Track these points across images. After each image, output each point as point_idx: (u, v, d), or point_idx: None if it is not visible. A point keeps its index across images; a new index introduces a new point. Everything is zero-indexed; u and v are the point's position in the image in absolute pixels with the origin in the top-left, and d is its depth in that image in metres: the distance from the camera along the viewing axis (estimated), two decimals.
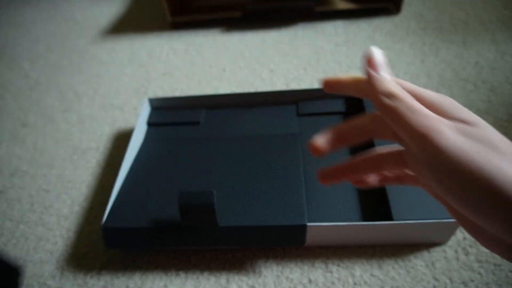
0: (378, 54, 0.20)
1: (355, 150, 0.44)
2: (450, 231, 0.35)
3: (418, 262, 0.36)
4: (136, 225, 0.38)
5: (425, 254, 0.37)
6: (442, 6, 0.74)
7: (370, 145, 0.43)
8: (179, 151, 0.46)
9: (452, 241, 0.37)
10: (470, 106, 0.51)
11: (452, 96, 0.53)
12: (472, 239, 0.37)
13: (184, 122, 0.50)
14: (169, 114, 0.52)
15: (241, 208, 0.38)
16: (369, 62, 0.20)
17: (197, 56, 0.70)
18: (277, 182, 0.40)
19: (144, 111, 0.51)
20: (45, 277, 0.39)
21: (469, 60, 0.60)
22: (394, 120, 0.18)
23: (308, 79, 0.61)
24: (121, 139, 0.54)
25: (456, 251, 0.37)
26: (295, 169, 0.42)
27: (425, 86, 0.56)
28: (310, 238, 0.37)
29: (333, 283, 0.36)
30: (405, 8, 0.75)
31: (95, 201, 0.46)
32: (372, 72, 0.20)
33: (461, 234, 0.38)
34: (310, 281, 0.36)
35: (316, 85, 0.59)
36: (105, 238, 0.38)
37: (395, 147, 0.22)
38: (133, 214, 0.39)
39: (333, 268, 0.37)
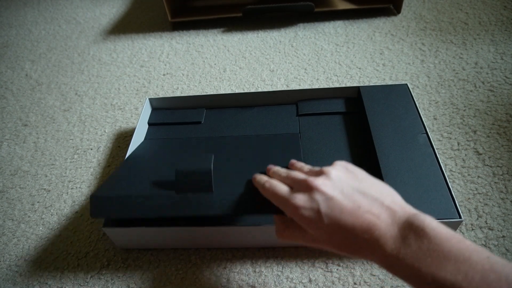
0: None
1: (355, 149, 0.44)
2: None
3: None
4: (125, 193, 0.36)
5: None
6: (441, 7, 0.75)
7: (370, 145, 0.43)
8: (179, 150, 0.47)
9: None
10: (469, 106, 0.52)
11: (451, 96, 0.54)
12: (472, 238, 0.38)
13: (184, 122, 0.51)
14: (170, 114, 0.52)
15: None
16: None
17: (198, 56, 0.70)
18: None
19: (145, 111, 0.51)
20: (45, 277, 0.39)
21: (468, 61, 0.60)
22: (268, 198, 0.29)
23: (308, 79, 0.61)
24: (122, 139, 0.54)
25: None
26: None
27: (424, 87, 0.56)
28: None
29: (333, 282, 0.36)
30: (405, 8, 0.76)
31: None
32: (255, 175, 0.33)
33: (460, 234, 0.38)
34: (310, 280, 0.36)
35: (316, 85, 0.59)
36: (91, 207, 0.35)
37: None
38: (124, 187, 0.37)
39: (333, 267, 0.37)
